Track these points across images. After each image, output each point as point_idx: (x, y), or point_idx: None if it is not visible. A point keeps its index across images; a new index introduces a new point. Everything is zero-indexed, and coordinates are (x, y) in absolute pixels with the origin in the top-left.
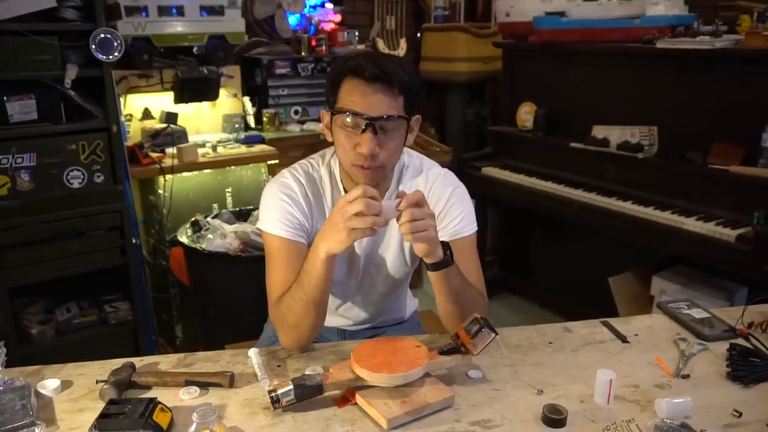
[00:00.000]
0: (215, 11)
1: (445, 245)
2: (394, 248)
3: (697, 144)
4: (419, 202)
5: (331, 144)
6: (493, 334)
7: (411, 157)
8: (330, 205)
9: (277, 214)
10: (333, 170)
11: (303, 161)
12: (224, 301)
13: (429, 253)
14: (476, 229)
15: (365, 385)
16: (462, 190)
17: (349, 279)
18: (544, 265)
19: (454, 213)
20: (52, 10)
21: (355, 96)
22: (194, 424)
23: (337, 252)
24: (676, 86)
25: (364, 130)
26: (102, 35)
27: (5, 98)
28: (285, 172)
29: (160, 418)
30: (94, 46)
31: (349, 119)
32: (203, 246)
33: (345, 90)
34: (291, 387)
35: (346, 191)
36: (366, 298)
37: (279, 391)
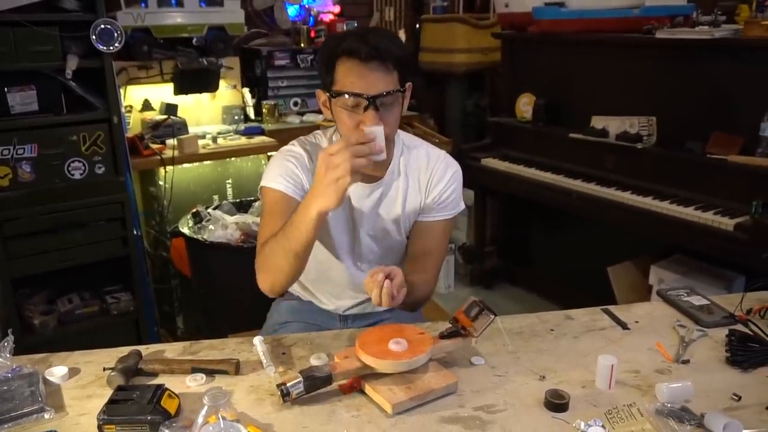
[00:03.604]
0: (214, 2)
1: None
2: (393, 217)
3: (696, 134)
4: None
5: (330, 122)
6: (493, 315)
7: (411, 138)
8: None
9: (279, 171)
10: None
11: (308, 135)
12: (226, 291)
13: None
14: (463, 206)
15: (372, 374)
16: (460, 172)
17: (347, 245)
18: (543, 255)
19: (453, 194)
20: (53, 0)
21: (353, 77)
22: (205, 407)
23: (330, 208)
24: (676, 76)
25: (366, 108)
26: (102, 26)
27: (6, 89)
28: (293, 141)
29: (168, 404)
30: (94, 37)
31: (350, 100)
32: (205, 237)
33: (341, 71)
34: (300, 379)
35: None
36: (364, 265)
37: (288, 384)
